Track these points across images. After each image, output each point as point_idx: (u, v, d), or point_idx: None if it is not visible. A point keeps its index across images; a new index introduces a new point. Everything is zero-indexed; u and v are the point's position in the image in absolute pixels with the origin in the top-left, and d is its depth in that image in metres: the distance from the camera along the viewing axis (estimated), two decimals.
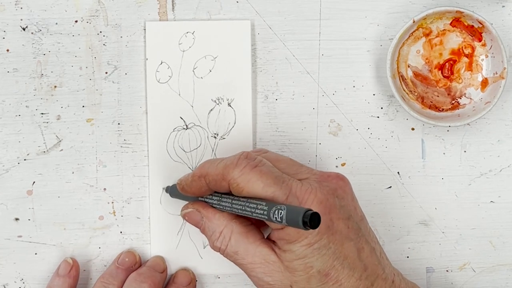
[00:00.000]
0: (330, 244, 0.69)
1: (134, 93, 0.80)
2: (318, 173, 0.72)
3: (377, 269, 0.71)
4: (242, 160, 0.70)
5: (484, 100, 0.79)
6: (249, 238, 0.71)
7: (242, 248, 0.71)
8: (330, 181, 0.71)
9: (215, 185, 0.71)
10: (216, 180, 0.71)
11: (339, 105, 0.80)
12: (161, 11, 0.80)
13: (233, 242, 0.71)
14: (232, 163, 0.70)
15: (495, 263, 0.81)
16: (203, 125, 0.79)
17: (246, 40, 0.79)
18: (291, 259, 0.69)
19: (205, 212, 0.73)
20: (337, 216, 0.70)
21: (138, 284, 0.76)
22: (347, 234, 0.70)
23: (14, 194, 0.79)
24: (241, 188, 0.69)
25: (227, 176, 0.70)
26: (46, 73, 0.79)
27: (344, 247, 0.69)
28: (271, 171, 0.70)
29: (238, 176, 0.69)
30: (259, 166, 0.70)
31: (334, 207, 0.70)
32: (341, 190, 0.71)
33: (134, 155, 0.80)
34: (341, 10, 0.80)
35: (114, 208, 0.80)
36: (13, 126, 0.79)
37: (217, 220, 0.72)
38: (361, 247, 0.70)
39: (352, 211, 0.71)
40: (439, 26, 0.79)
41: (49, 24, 0.79)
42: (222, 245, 0.72)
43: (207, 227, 0.73)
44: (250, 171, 0.69)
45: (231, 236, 0.71)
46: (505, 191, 0.81)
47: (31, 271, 0.80)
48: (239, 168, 0.70)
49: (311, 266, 0.69)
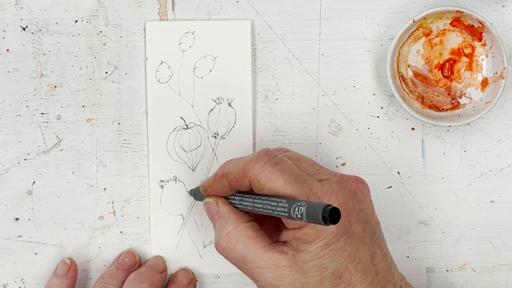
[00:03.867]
0: (346, 246, 0.68)
1: (134, 93, 0.80)
2: (339, 175, 0.72)
3: (388, 274, 0.71)
4: (263, 157, 0.70)
5: (484, 100, 0.79)
6: (259, 242, 0.70)
7: (250, 253, 0.70)
8: (350, 184, 0.71)
9: (237, 183, 0.71)
10: (237, 178, 0.71)
11: (339, 105, 0.80)
12: (161, 11, 0.80)
13: (241, 246, 0.70)
14: (252, 160, 0.70)
15: (495, 263, 0.81)
16: (203, 125, 0.79)
17: (246, 40, 0.79)
18: (306, 259, 0.68)
19: (222, 207, 0.73)
20: (355, 219, 0.69)
21: (138, 284, 0.76)
22: (363, 238, 0.70)
23: (14, 194, 0.79)
24: (262, 185, 0.69)
25: (248, 173, 0.70)
26: (46, 73, 0.79)
27: (359, 251, 0.69)
28: (292, 169, 0.69)
29: (259, 172, 0.69)
30: (280, 163, 0.69)
31: (353, 210, 0.69)
32: (361, 194, 0.71)
33: (134, 155, 0.80)
34: (341, 10, 0.80)
35: (114, 208, 0.80)
36: (13, 126, 0.79)
37: (229, 218, 0.72)
38: (374, 252, 0.70)
39: (369, 215, 0.71)
40: (439, 26, 0.79)
41: (49, 24, 0.79)
42: (227, 246, 0.71)
43: (218, 223, 0.72)
44: (271, 168, 0.69)
45: (239, 239, 0.71)
46: (505, 191, 0.81)
47: (31, 271, 0.79)
48: (260, 164, 0.69)
49: (325, 267, 0.68)
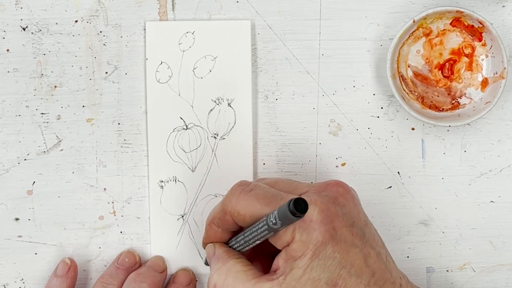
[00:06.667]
0: (335, 253, 0.68)
1: (134, 93, 0.80)
2: (317, 185, 0.72)
3: (385, 273, 0.70)
4: (236, 188, 0.70)
5: (484, 100, 0.79)
6: (248, 276, 0.70)
7: (240, 286, 0.69)
8: (329, 190, 0.71)
9: (223, 223, 0.72)
10: (220, 218, 0.71)
11: (339, 105, 0.80)
12: (161, 11, 0.80)
13: (231, 280, 0.70)
14: (228, 196, 0.71)
15: (495, 263, 0.81)
16: (203, 125, 0.79)
17: (246, 40, 0.79)
18: (299, 275, 0.68)
19: (217, 248, 0.73)
20: (340, 224, 0.69)
21: (138, 284, 0.76)
22: (352, 241, 0.69)
23: (14, 194, 0.79)
24: (242, 215, 0.69)
25: (227, 208, 0.70)
26: (46, 73, 0.79)
27: (349, 255, 0.69)
28: (267, 191, 0.70)
29: (236, 204, 0.70)
30: (254, 189, 0.70)
31: (336, 215, 0.69)
32: (342, 198, 0.71)
33: (134, 155, 0.80)
34: (341, 10, 0.80)
35: (114, 208, 0.80)
36: (13, 126, 0.79)
37: (221, 257, 0.72)
38: (367, 253, 0.70)
39: (355, 217, 0.71)
40: (439, 26, 0.79)
41: (49, 24, 0.79)
42: (217, 282, 0.71)
43: (212, 263, 0.73)
44: (246, 196, 0.69)
45: (227, 274, 0.70)
46: (505, 191, 0.81)
47: (31, 271, 0.80)
48: (235, 196, 0.70)
49: (318, 279, 0.68)
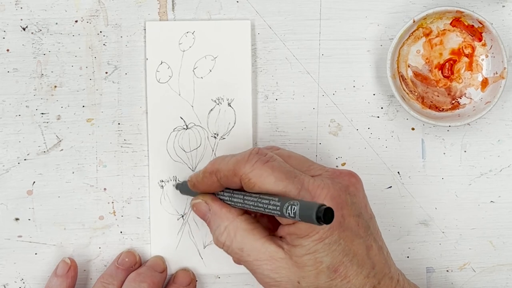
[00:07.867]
0: (340, 240, 0.69)
1: (134, 93, 0.80)
2: (331, 170, 0.72)
3: (384, 267, 0.71)
4: (254, 156, 0.70)
5: (484, 100, 0.79)
6: (255, 235, 0.71)
7: (248, 245, 0.71)
8: (342, 178, 0.71)
9: (227, 181, 0.71)
10: (227, 176, 0.71)
11: (339, 105, 0.80)
12: (161, 11, 0.80)
13: (239, 239, 0.71)
14: (243, 159, 0.70)
15: (495, 263, 0.81)
16: (203, 125, 0.79)
17: (246, 40, 0.79)
18: (301, 254, 0.69)
19: (212, 205, 0.73)
20: (348, 213, 0.70)
21: (138, 284, 0.76)
22: (357, 231, 0.70)
23: (14, 194, 0.79)
24: (252, 183, 0.69)
25: (238, 171, 0.70)
26: (46, 73, 0.79)
27: (353, 244, 0.69)
28: (282, 166, 0.70)
29: (250, 171, 0.69)
30: (271, 161, 0.70)
31: (346, 203, 0.70)
32: (353, 187, 0.71)
33: (134, 155, 0.80)
34: (341, 10, 0.80)
35: (114, 208, 0.80)
36: (13, 126, 0.79)
37: (223, 214, 0.72)
38: (369, 245, 0.70)
39: (363, 209, 0.71)
40: (439, 26, 0.79)
41: (49, 24, 0.79)
42: (226, 240, 0.71)
43: (213, 221, 0.73)
44: (261, 166, 0.69)
45: (236, 233, 0.71)
46: (505, 191, 0.81)
47: (31, 271, 0.79)
48: (251, 163, 0.69)
49: (320, 261, 0.69)
